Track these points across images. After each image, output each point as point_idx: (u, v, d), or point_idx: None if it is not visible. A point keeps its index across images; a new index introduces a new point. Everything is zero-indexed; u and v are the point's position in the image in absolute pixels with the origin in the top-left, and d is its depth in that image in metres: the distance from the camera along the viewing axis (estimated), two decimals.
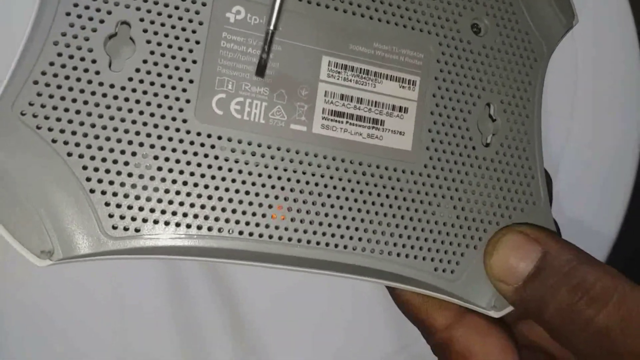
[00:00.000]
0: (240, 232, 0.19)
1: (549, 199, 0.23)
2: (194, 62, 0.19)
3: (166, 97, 0.19)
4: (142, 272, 0.29)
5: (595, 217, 0.33)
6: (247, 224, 0.20)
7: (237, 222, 0.19)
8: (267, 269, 0.20)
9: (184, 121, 0.19)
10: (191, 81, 0.19)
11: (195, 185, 0.19)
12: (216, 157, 0.19)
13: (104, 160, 0.18)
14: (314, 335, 0.32)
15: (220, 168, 0.19)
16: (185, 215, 0.19)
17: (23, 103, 0.18)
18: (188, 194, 0.19)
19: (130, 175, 0.19)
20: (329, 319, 0.32)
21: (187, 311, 0.29)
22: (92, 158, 0.18)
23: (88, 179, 0.18)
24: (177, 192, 0.19)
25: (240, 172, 0.20)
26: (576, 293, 0.19)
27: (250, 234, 0.20)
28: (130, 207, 0.19)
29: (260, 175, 0.20)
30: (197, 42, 0.19)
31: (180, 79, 0.19)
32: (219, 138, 0.19)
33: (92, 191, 0.18)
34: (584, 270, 0.19)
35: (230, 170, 0.19)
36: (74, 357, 0.27)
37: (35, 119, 0.18)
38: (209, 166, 0.19)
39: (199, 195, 0.19)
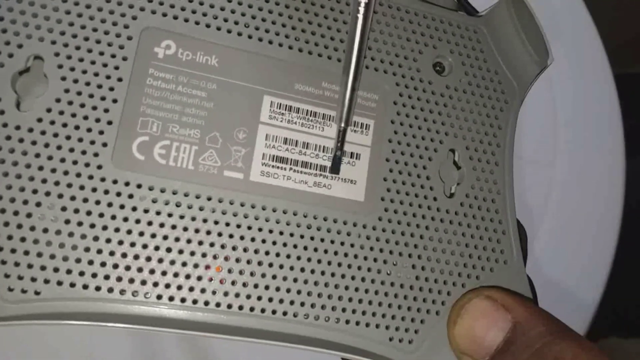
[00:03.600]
0: (159, 297, 0.17)
1: (522, 256, 0.20)
2: (115, 101, 0.17)
3: (80, 140, 0.17)
4: (116, 341, 0.26)
5: (579, 274, 0.31)
6: (167, 286, 0.17)
7: (156, 284, 0.17)
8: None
9: (99, 167, 0.17)
10: (110, 122, 0.17)
11: (108, 241, 0.17)
12: (134, 209, 0.17)
13: (2, 211, 0.16)
14: None
15: (138, 221, 0.17)
16: (94, 276, 0.16)
17: None
18: (99, 251, 0.17)
19: (32, 229, 0.16)
20: None
21: None
22: None
23: None
24: (87, 249, 0.17)
25: (161, 225, 0.17)
26: None
27: (171, 299, 0.17)
28: (30, 266, 0.16)
29: (185, 229, 0.17)
30: (120, 80, 0.17)
31: (98, 120, 0.17)
32: (139, 186, 0.17)
33: None
34: (559, 345, 0.17)
35: (149, 224, 0.17)
36: None
37: None
38: (125, 219, 0.17)
39: (112, 253, 0.17)
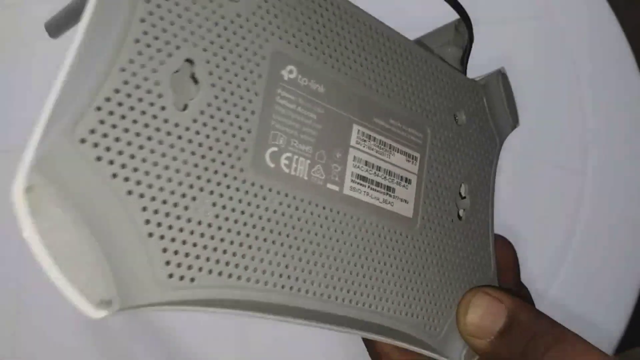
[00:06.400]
0: (283, 286, 0.19)
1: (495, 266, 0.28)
2: (252, 112, 0.19)
3: (227, 144, 0.19)
4: None
5: (611, 285, 0.36)
6: (289, 277, 0.20)
7: (281, 275, 0.19)
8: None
9: (241, 170, 0.19)
10: (249, 131, 0.19)
11: (247, 235, 0.19)
12: (266, 209, 0.19)
13: (164, 202, 0.17)
14: None
15: (269, 220, 0.19)
16: (236, 266, 0.18)
17: (84, 130, 0.16)
18: (240, 244, 0.19)
19: (189, 220, 0.17)
20: None
21: None
22: (153, 199, 0.17)
23: (147, 222, 0.17)
24: (231, 242, 0.18)
25: (285, 225, 0.20)
26: (537, 341, 0.24)
27: (282, 287, 0.20)
28: (187, 255, 0.17)
29: (301, 230, 0.20)
30: (256, 94, 0.20)
31: (240, 128, 0.19)
32: (270, 190, 0.20)
33: (150, 235, 0.17)
34: (539, 323, 0.24)
35: (277, 222, 0.20)
36: None
37: (96, 149, 0.16)
38: (260, 217, 0.19)
39: (250, 247, 0.19)
